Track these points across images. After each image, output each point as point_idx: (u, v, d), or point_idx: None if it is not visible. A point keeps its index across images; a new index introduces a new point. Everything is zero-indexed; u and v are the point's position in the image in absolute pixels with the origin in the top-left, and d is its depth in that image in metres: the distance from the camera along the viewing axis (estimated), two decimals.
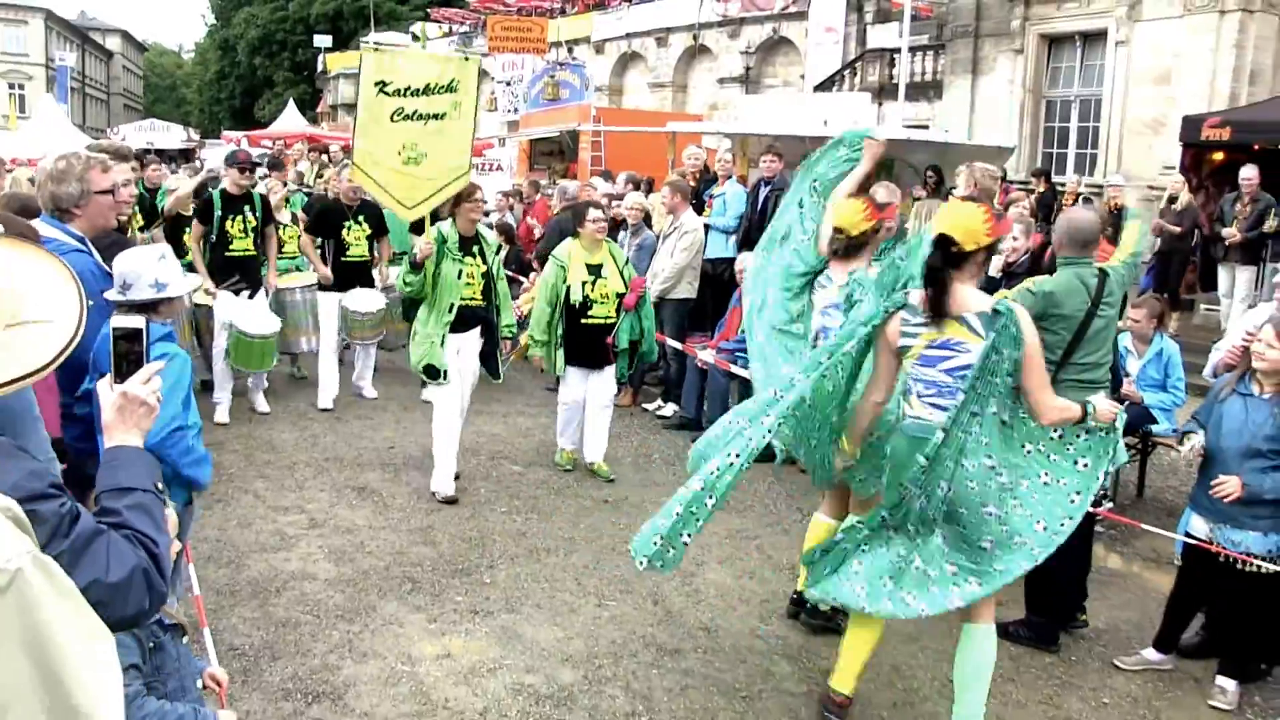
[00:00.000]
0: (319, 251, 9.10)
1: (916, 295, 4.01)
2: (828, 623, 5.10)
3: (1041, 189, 14.87)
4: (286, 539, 6.07)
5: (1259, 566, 4.51)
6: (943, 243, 3.92)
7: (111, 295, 3.73)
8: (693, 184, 10.34)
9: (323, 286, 9.03)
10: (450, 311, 6.63)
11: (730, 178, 10.40)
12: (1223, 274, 12.59)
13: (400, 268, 6.62)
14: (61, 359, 1.87)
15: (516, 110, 28.72)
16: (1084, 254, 4.84)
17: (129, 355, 2.16)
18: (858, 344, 4.14)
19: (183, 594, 4.20)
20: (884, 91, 22.41)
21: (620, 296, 7.27)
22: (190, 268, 8.74)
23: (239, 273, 8.49)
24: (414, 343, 6.75)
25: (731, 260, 9.06)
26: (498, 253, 7.03)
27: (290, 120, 34.63)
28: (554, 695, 4.46)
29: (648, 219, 9.94)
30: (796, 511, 6.81)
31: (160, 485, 2.09)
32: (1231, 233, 11.91)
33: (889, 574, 4.02)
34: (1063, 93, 19.30)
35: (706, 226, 9.48)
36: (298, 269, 9.65)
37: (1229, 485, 4.49)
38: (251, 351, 8.29)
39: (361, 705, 4.32)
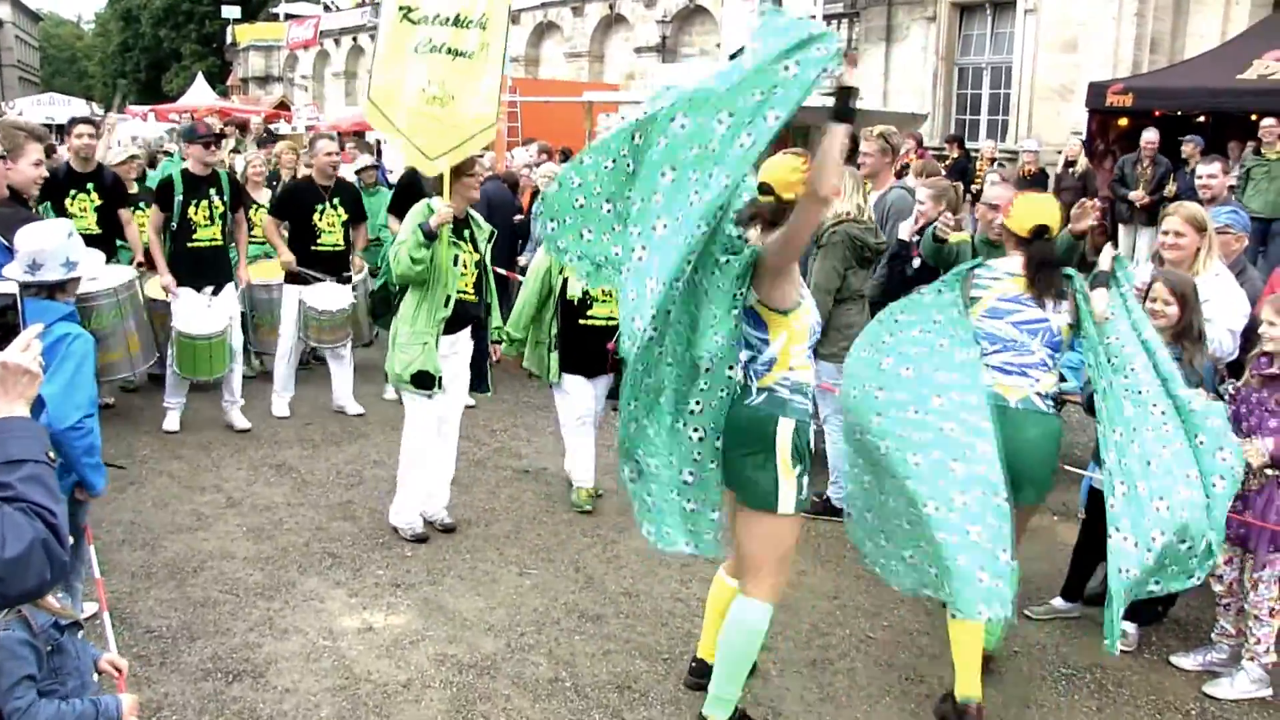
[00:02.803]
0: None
1: (1004, 262, 4.30)
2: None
3: (955, 155, 15.14)
4: (203, 519, 5.99)
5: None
6: (1040, 234, 4.19)
7: (12, 273, 3.59)
8: None
9: (286, 278, 7.97)
10: (446, 305, 5.59)
11: None
12: (1124, 235, 12.97)
13: (408, 240, 5.43)
14: None
15: None
16: None
17: (4, 324, 2.12)
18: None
19: (86, 577, 4.13)
20: None
21: None
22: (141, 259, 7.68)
23: (205, 266, 7.41)
24: (396, 346, 5.64)
25: None
26: (489, 240, 6.05)
27: (199, 94, 33.75)
28: (477, 664, 4.49)
29: None
30: None
31: (51, 454, 2.06)
32: (1139, 195, 12.27)
33: None
34: (974, 60, 19.63)
35: None
36: (267, 255, 8.53)
37: None
38: (196, 355, 7.22)
39: (283, 682, 4.31)
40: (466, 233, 5.82)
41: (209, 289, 7.41)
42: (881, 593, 5.29)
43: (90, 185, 7.44)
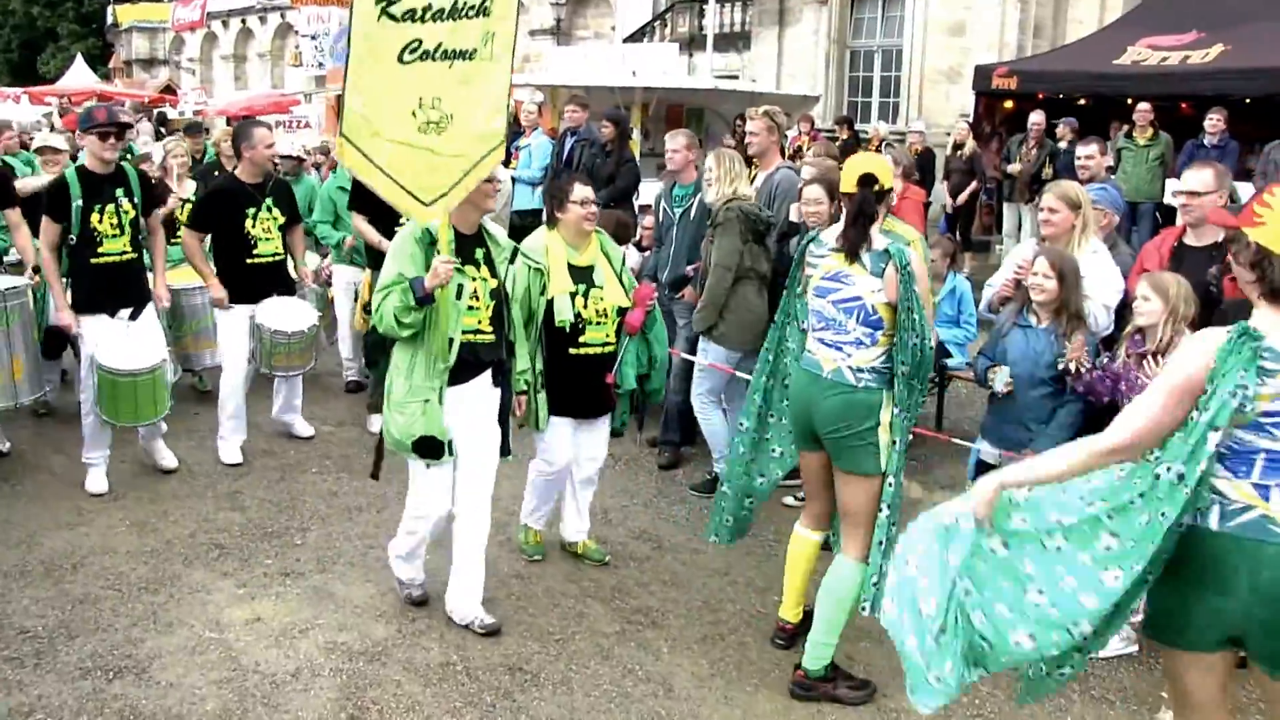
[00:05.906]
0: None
1: (831, 232, 4.20)
2: None
3: (845, 136, 15.36)
4: (84, 513, 5.81)
5: None
6: (867, 181, 4.04)
7: None
8: None
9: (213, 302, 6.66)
10: (450, 352, 4.34)
11: (536, 129, 10.37)
12: (1008, 213, 13.37)
13: (395, 300, 4.22)
14: None
15: (323, 65, 27.87)
16: None
17: None
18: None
19: None
20: (694, 42, 22.61)
21: (622, 313, 5.09)
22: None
23: (116, 285, 6.01)
24: (391, 403, 4.41)
25: (538, 212, 9.04)
26: (511, 260, 4.82)
27: (79, 76, 32.39)
28: (368, 651, 4.45)
29: None
30: (610, 457, 6.90)
31: None
32: (1017, 167, 12.69)
33: None
34: (865, 43, 19.98)
35: (514, 179, 9.44)
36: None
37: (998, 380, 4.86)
38: (136, 395, 5.92)
39: (167, 676, 4.21)
40: (480, 253, 4.55)
41: (125, 312, 6.08)
42: (771, 568, 5.36)
43: None
